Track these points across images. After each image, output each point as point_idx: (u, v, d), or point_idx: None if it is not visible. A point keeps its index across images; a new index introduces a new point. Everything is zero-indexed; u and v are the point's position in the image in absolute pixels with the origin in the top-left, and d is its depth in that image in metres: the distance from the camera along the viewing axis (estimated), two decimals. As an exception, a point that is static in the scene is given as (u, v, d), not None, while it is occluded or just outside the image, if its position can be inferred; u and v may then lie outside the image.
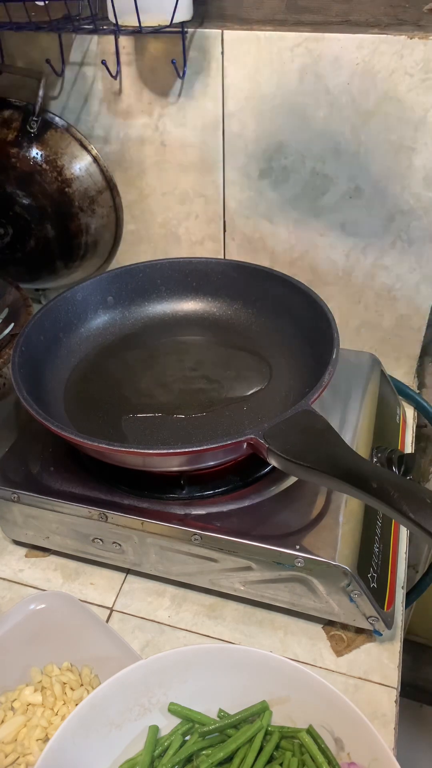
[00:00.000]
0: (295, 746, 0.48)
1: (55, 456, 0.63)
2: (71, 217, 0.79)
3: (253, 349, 0.71)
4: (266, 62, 0.66)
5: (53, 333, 0.69)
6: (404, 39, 0.61)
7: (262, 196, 0.75)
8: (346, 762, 0.46)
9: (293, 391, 0.64)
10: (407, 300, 0.77)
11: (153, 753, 0.48)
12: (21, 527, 0.64)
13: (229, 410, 0.63)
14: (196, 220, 0.80)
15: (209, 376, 0.68)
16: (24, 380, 0.59)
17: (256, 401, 0.64)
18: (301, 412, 0.53)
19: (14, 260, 0.83)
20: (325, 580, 0.54)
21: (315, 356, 0.61)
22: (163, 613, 0.61)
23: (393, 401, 0.77)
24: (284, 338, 0.69)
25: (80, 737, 0.47)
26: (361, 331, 0.81)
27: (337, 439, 0.50)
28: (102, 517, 0.58)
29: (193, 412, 0.63)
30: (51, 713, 0.53)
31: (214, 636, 0.59)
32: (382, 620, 0.55)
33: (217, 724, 0.49)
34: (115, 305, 0.74)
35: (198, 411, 0.64)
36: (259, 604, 0.61)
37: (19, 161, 0.76)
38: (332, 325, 0.61)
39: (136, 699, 0.50)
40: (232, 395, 0.65)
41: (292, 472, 0.50)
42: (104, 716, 0.48)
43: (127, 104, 0.74)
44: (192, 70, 0.70)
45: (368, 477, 0.45)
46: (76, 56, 0.73)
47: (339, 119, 0.67)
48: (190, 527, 0.56)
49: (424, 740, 1.22)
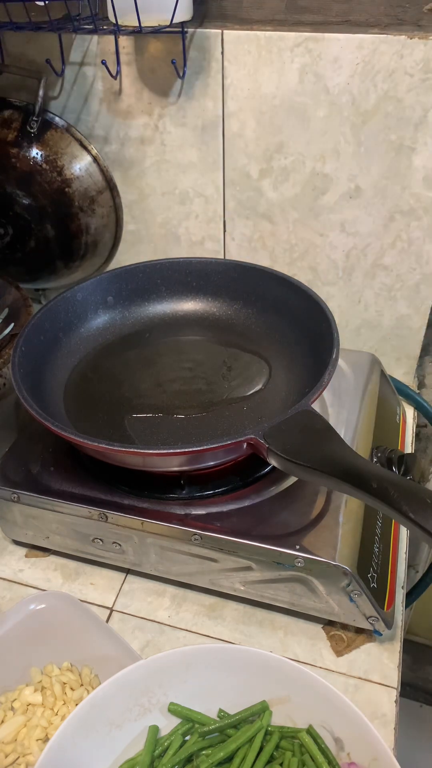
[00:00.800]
0: (295, 746, 0.48)
1: (55, 456, 0.63)
2: (71, 217, 0.79)
3: (253, 349, 0.71)
4: (266, 62, 0.66)
5: (53, 333, 0.69)
6: (404, 39, 0.61)
7: (262, 196, 0.75)
8: (346, 762, 0.46)
9: (293, 391, 0.64)
10: (407, 300, 0.77)
11: (153, 753, 0.48)
12: (21, 527, 0.64)
13: (229, 410, 0.63)
14: (196, 220, 0.80)
15: (209, 376, 0.68)
16: (24, 380, 0.59)
17: (256, 401, 0.64)
18: (300, 412, 0.53)
19: (14, 260, 0.83)
20: (325, 580, 0.54)
21: (315, 356, 0.61)
22: (163, 613, 0.61)
23: (393, 401, 0.77)
24: (284, 338, 0.69)
25: (80, 737, 0.47)
26: (361, 331, 0.81)
27: (337, 439, 0.50)
28: (102, 517, 0.58)
29: (193, 412, 0.63)
30: (51, 713, 0.53)
31: (214, 636, 0.59)
32: (382, 620, 0.55)
33: (217, 724, 0.49)
34: (115, 305, 0.74)
35: (198, 411, 0.64)
36: (259, 604, 0.61)
37: (19, 161, 0.77)
38: (332, 325, 0.61)
39: (136, 699, 0.50)
40: (232, 395, 0.65)
41: (292, 472, 0.50)
42: (104, 716, 0.48)
43: (127, 104, 0.74)
44: (192, 70, 0.70)
45: (368, 477, 0.45)
46: (76, 56, 0.73)
47: (339, 119, 0.67)
48: (190, 527, 0.56)
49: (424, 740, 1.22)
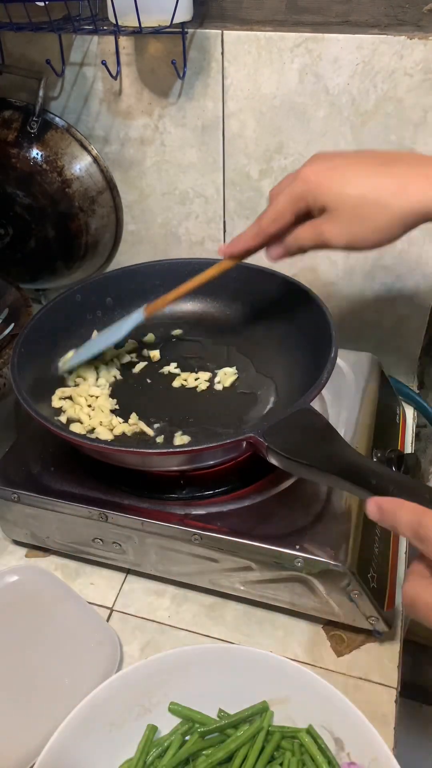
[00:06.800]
0: (295, 746, 0.48)
1: (55, 456, 0.63)
2: (71, 217, 0.79)
3: (253, 349, 0.71)
4: (266, 62, 0.66)
5: (53, 333, 0.69)
6: (404, 39, 0.61)
7: (262, 196, 0.75)
8: (346, 762, 0.46)
9: (293, 390, 0.64)
10: (407, 300, 0.77)
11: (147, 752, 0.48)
12: (21, 527, 0.64)
13: (228, 410, 0.63)
14: (196, 220, 0.80)
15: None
16: (23, 380, 0.59)
17: (255, 401, 0.64)
18: (300, 411, 0.53)
19: (15, 260, 0.83)
20: (325, 580, 0.54)
21: (314, 355, 0.61)
22: (163, 613, 0.61)
23: (393, 401, 0.77)
24: (284, 338, 0.69)
25: (80, 737, 0.47)
26: (361, 331, 0.81)
27: (337, 437, 0.50)
28: (102, 517, 0.58)
29: (193, 412, 0.63)
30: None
31: (214, 636, 0.59)
32: (382, 620, 0.55)
33: (217, 724, 0.49)
34: (114, 306, 0.74)
35: (197, 411, 0.64)
36: (259, 604, 0.61)
37: (19, 162, 0.77)
38: (330, 324, 0.61)
39: (136, 699, 0.50)
40: (232, 395, 0.65)
41: (292, 470, 0.50)
42: (104, 716, 0.48)
43: (127, 104, 0.74)
44: (192, 71, 0.70)
45: (368, 474, 0.45)
46: (76, 56, 0.73)
47: (339, 119, 0.67)
48: (190, 527, 0.56)
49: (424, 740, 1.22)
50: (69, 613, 0.59)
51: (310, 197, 0.49)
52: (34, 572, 0.63)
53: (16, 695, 0.54)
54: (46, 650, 0.57)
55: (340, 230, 0.49)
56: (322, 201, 0.49)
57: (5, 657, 0.57)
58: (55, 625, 0.59)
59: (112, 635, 0.57)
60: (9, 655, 0.57)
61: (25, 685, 0.55)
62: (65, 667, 0.55)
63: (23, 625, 0.59)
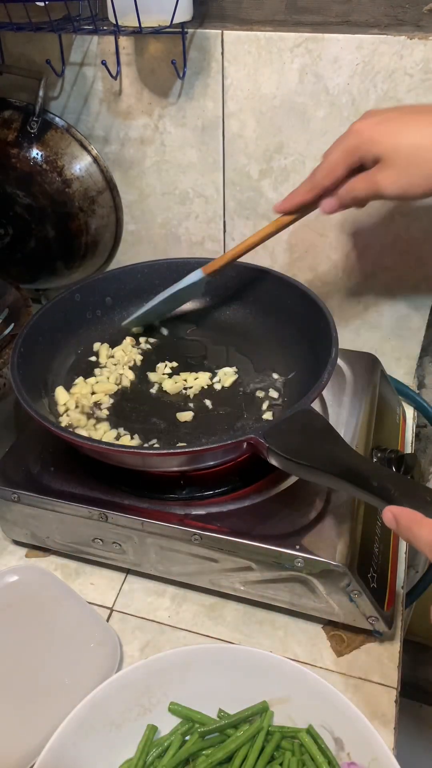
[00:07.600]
0: (295, 746, 0.48)
1: (55, 456, 0.63)
2: (71, 217, 0.79)
3: (253, 349, 0.71)
4: (266, 62, 0.66)
5: (52, 333, 0.69)
6: (404, 39, 0.61)
7: (262, 196, 0.75)
8: (346, 762, 0.47)
9: (293, 391, 0.64)
10: (407, 300, 0.77)
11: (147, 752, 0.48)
12: (21, 527, 0.64)
13: (228, 410, 0.63)
14: (196, 220, 0.80)
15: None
16: (23, 381, 0.59)
17: (256, 401, 0.64)
18: (300, 412, 0.53)
19: (14, 260, 0.83)
20: (325, 580, 0.54)
21: (314, 356, 0.61)
22: (163, 613, 0.61)
23: (393, 401, 0.77)
24: (283, 338, 0.69)
25: (80, 737, 0.47)
26: (361, 331, 0.81)
27: (337, 438, 0.50)
28: (102, 517, 0.58)
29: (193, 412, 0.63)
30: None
31: (214, 636, 0.59)
32: (382, 620, 0.55)
33: (217, 724, 0.49)
34: (113, 306, 0.74)
35: (197, 411, 0.64)
36: (259, 604, 0.61)
37: (19, 162, 0.77)
38: (331, 325, 0.61)
39: (136, 699, 0.50)
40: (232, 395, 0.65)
41: (293, 471, 0.50)
42: (104, 716, 0.48)
43: (127, 104, 0.74)
44: (192, 71, 0.70)
45: (368, 475, 0.45)
46: (76, 56, 0.73)
47: (339, 119, 0.67)
48: (190, 527, 0.56)
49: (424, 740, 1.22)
50: (69, 613, 0.59)
51: (364, 148, 0.51)
52: (34, 572, 0.63)
53: (16, 695, 0.54)
54: (46, 650, 0.57)
55: (394, 179, 0.51)
56: (375, 151, 0.51)
57: (5, 657, 0.57)
58: (55, 625, 0.59)
59: (112, 635, 0.57)
60: (9, 655, 0.57)
61: (25, 685, 0.55)
62: (65, 667, 0.55)
63: (23, 625, 0.59)
